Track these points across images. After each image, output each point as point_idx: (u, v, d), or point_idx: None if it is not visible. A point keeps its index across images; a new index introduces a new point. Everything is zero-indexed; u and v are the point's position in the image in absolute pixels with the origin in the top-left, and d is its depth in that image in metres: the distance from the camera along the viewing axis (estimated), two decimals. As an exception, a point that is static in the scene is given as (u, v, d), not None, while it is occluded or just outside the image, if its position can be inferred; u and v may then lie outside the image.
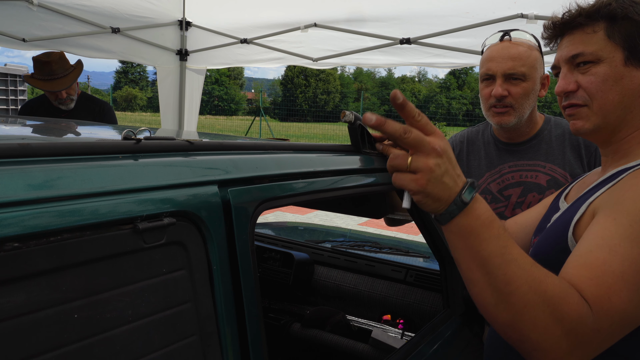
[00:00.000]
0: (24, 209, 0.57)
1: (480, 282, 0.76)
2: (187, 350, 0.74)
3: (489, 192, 1.71)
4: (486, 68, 1.62)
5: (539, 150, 1.68)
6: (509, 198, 1.69)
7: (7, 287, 0.55)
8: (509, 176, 1.70)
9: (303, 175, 1.03)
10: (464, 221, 0.75)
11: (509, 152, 1.72)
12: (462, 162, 1.82)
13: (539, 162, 1.67)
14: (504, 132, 1.70)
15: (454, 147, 1.86)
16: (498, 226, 0.76)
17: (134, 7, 3.63)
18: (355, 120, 1.28)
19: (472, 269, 0.77)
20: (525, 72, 1.57)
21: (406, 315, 1.83)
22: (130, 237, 0.67)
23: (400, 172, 0.75)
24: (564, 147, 1.65)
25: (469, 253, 0.76)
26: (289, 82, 53.30)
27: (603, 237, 0.77)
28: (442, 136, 0.75)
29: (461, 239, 0.77)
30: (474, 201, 0.75)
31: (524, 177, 1.68)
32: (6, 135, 1.03)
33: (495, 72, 1.59)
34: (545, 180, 1.64)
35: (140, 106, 48.25)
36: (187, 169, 0.81)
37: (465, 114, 40.03)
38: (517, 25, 2.76)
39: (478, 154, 1.79)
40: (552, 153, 1.66)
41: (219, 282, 0.79)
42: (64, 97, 3.00)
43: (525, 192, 1.67)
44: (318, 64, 3.96)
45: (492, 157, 1.75)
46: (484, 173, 1.75)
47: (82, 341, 0.62)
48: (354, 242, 2.44)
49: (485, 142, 1.79)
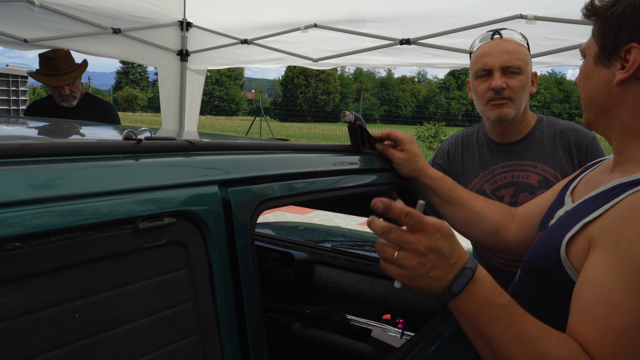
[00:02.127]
0: (25, 209, 0.57)
1: (485, 354, 0.81)
2: (188, 349, 0.75)
3: (482, 193, 1.71)
4: (482, 63, 1.62)
5: (530, 150, 1.68)
6: (502, 199, 1.69)
7: (8, 287, 0.56)
8: (501, 177, 1.71)
9: (303, 175, 1.03)
10: (460, 304, 0.77)
11: (501, 153, 1.72)
12: (457, 162, 1.83)
13: (531, 162, 1.67)
14: (499, 130, 1.70)
15: (449, 147, 1.87)
16: (499, 305, 0.76)
17: (134, 7, 3.63)
18: (355, 120, 1.29)
19: (476, 342, 0.81)
20: (520, 65, 1.59)
21: (406, 314, 1.83)
22: (130, 237, 0.68)
23: (388, 263, 0.75)
24: (555, 146, 1.66)
25: (470, 329, 0.80)
26: (289, 82, 53.28)
27: (602, 287, 0.77)
28: (433, 232, 0.74)
29: (460, 317, 0.80)
30: (470, 285, 0.76)
31: (515, 177, 1.69)
32: (7, 135, 1.03)
33: (492, 66, 1.60)
34: (537, 180, 1.65)
35: (141, 106, 48.25)
36: (188, 169, 0.81)
37: (465, 114, 39.99)
38: (516, 26, 2.76)
39: (472, 155, 1.80)
40: (544, 153, 1.67)
41: (219, 282, 0.80)
42: (67, 94, 3.01)
43: (517, 193, 1.67)
44: (318, 64, 3.97)
45: (485, 158, 1.76)
46: (477, 173, 1.76)
47: (82, 340, 0.62)
48: (354, 242, 2.45)
49: (479, 142, 1.79)
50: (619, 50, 0.87)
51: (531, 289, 0.96)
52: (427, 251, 0.74)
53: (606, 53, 0.89)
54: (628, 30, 0.85)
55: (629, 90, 0.87)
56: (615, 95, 0.89)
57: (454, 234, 0.79)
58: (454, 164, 1.84)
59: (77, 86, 3.06)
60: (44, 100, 3.22)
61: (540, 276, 0.93)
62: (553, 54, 3.00)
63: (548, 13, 2.78)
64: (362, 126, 1.30)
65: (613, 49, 0.88)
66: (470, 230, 1.37)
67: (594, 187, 0.93)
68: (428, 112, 37.90)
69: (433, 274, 0.75)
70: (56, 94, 3.02)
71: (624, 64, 0.86)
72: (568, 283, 0.86)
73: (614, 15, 0.87)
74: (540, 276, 0.93)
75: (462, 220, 1.37)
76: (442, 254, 0.75)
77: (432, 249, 0.74)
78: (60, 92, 3.00)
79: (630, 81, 0.86)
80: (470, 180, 1.77)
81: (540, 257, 0.94)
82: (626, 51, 0.85)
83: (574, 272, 0.85)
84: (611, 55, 0.88)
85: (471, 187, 1.75)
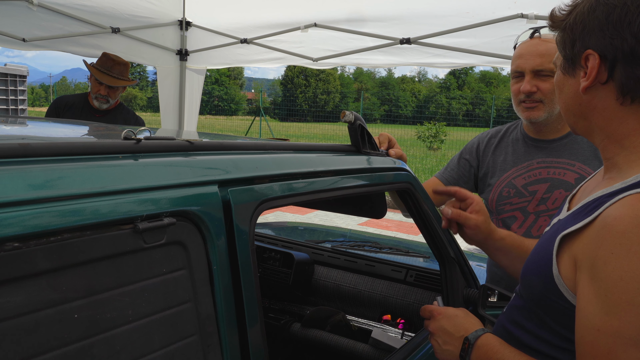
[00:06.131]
0: (25, 209, 0.57)
1: None
2: (187, 349, 0.74)
3: (512, 187, 1.72)
4: (516, 65, 1.65)
5: (568, 149, 1.69)
6: (534, 194, 1.69)
7: (7, 287, 0.55)
8: (536, 172, 1.71)
9: (303, 175, 1.03)
10: None
11: (538, 149, 1.73)
12: (488, 156, 1.83)
13: (568, 160, 1.68)
14: (535, 128, 1.72)
15: (480, 142, 1.87)
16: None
17: (134, 7, 3.63)
18: (355, 120, 1.28)
19: None
20: (554, 68, 1.58)
21: (406, 315, 1.83)
22: (130, 237, 0.67)
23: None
24: (595, 148, 1.66)
25: None
26: (289, 82, 53.31)
27: (587, 315, 0.77)
28: (437, 316, 1.07)
29: None
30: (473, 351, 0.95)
31: (551, 173, 1.69)
32: (7, 135, 1.03)
33: (524, 69, 1.61)
34: (574, 179, 1.64)
35: (140, 106, 48.23)
36: (187, 169, 0.81)
37: (465, 114, 40.04)
38: (517, 26, 2.76)
39: (505, 150, 1.81)
40: (583, 153, 1.67)
41: (219, 282, 0.79)
42: (104, 94, 3.11)
43: (551, 189, 1.67)
44: (318, 64, 3.96)
45: (520, 153, 1.76)
46: (509, 168, 1.76)
47: (82, 341, 0.62)
48: (354, 242, 2.44)
49: (514, 138, 1.81)
50: (579, 59, 0.87)
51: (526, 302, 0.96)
52: (435, 331, 1.05)
53: (569, 62, 0.90)
54: (581, 37, 0.86)
55: (597, 96, 0.87)
56: (586, 103, 0.89)
57: (460, 315, 1.04)
58: (483, 158, 1.84)
59: (115, 94, 3.17)
60: (75, 97, 3.29)
61: (532, 290, 0.93)
62: (553, 54, 2.99)
63: (549, 12, 2.77)
64: (362, 126, 1.30)
65: (573, 57, 0.89)
66: None
67: (588, 195, 0.92)
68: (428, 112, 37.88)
69: (446, 347, 1.02)
70: (95, 90, 3.12)
71: (586, 71, 0.86)
72: (559, 301, 0.85)
73: (568, 25, 0.89)
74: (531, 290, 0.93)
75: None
76: (447, 331, 1.02)
77: (439, 328, 1.04)
78: (98, 90, 3.10)
79: (596, 87, 0.86)
80: (501, 175, 1.76)
81: (530, 273, 0.93)
82: (585, 58, 0.86)
83: (567, 291, 0.83)
84: (574, 64, 0.89)
85: (501, 180, 1.75)
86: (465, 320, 1.03)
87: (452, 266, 1.54)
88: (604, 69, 0.84)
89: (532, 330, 0.92)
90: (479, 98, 45.49)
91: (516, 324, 0.97)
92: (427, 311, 1.10)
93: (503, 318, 1.03)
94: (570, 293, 0.83)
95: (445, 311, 1.06)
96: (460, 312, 1.06)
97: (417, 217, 1.46)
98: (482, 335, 0.96)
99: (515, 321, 0.97)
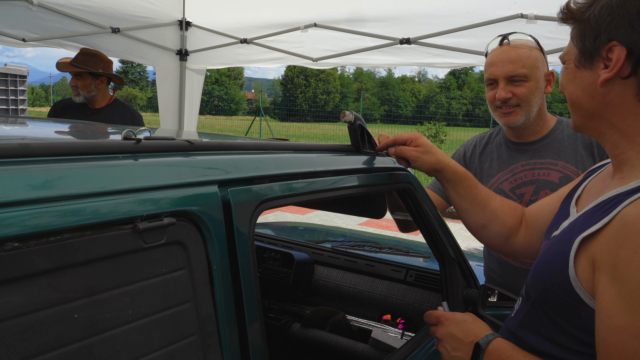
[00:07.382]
0: (24, 209, 0.57)
1: None
2: (187, 350, 0.74)
3: (500, 191, 1.73)
4: (489, 73, 1.67)
5: (550, 149, 1.70)
6: (522, 196, 1.71)
7: (7, 287, 0.55)
8: (521, 175, 1.73)
9: (303, 175, 1.03)
10: None
11: (520, 152, 1.74)
12: (475, 163, 1.85)
13: (551, 160, 1.69)
14: (515, 132, 1.73)
15: (466, 150, 1.89)
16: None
17: (133, 7, 3.62)
18: (355, 120, 1.28)
19: None
20: (526, 72, 1.60)
21: (406, 315, 1.83)
22: (130, 237, 0.67)
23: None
24: (576, 144, 1.67)
25: None
26: (289, 82, 53.30)
27: (610, 316, 0.76)
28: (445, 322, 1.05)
29: None
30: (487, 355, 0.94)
31: (536, 175, 1.70)
32: (7, 135, 1.03)
33: (497, 76, 1.63)
34: (558, 178, 1.66)
35: (140, 106, 48.19)
36: (187, 169, 0.81)
37: (465, 114, 40.02)
38: (517, 26, 2.76)
39: (490, 156, 1.82)
40: (564, 151, 1.68)
41: (219, 282, 0.79)
42: (72, 85, 3.09)
43: (537, 190, 1.69)
44: (318, 64, 3.96)
45: (504, 158, 1.78)
46: (495, 173, 1.78)
47: (82, 341, 0.62)
48: (354, 242, 2.44)
49: (497, 144, 1.82)
50: (600, 51, 0.86)
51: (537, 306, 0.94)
52: (444, 337, 1.04)
53: (587, 55, 0.89)
54: (607, 30, 0.84)
55: (613, 90, 0.86)
56: (600, 97, 0.88)
57: (468, 320, 1.03)
58: (470, 165, 1.86)
59: (87, 87, 3.10)
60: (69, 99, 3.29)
61: (545, 293, 0.91)
62: (553, 54, 2.99)
63: (548, 12, 2.77)
64: (362, 126, 1.30)
65: (594, 50, 0.87)
66: (484, 231, 1.35)
67: (597, 195, 0.90)
68: (428, 112, 37.87)
69: (455, 354, 1.01)
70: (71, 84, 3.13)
71: (607, 63, 0.85)
72: (576, 303, 0.83)
73: (592, 16, 0.87)
74: (545, 293, 0.91)
75: (477, 221, 1.35)
76: (456, 337, 1.01)
77: (447, 335, 1.03)
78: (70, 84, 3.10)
79: (614, 80, 0.85)
80: (488, 180, 1.78)
81: (544, 276, 0.92)
82: (608, 50, 0.85)
83: (584, 293, 0.82)
84: (592, 56, 0.88)
85: (489, 186, 1.76)
86: (475, 326, 1.02)
87: (452, 266, 1.54)
88: (628, 63, 0.83)
89: (545, 334, 0.91)
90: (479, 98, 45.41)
91: (527, 328, 0.95)
92: (434, 317, 1.08)
93: (510, 323, 1.02)
94: (588, 295, 0.82)
95: (453, 317, 1.05)
96: (469, 317, 1.05)
97: (417, 217, 1.46)
98: (493, 340, 0.95)
99: (525, 325, 0.96)
